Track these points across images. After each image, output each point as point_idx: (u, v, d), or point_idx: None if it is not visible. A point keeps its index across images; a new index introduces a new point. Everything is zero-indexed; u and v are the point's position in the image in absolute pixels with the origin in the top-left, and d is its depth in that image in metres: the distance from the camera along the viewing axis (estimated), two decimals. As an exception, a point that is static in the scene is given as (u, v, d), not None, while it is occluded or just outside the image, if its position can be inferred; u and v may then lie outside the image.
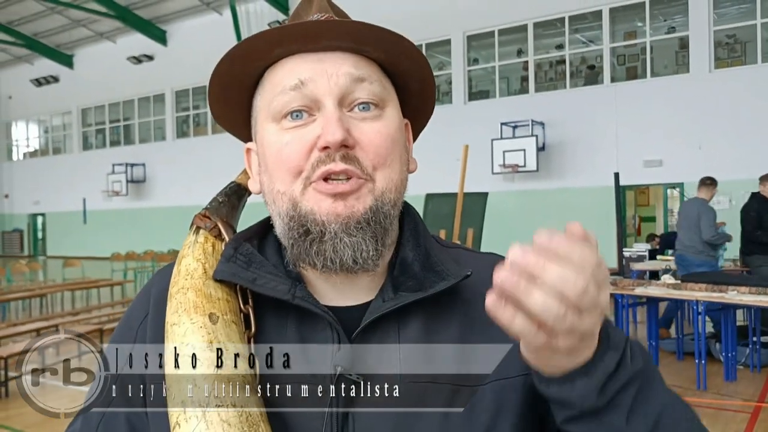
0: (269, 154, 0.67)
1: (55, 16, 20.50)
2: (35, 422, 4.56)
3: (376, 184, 0.65)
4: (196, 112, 20.31)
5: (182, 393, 0.60)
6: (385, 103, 0.68)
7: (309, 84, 0.65)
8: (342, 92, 0.65)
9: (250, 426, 0.58)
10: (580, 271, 0.48)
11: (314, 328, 0.66)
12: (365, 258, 0.64)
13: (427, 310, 0.67)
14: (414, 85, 0.73)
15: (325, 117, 0.64)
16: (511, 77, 15.21)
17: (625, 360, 0.57)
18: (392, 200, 0.67)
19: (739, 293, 4.94)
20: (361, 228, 0.64)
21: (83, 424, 0.74)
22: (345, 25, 0.65)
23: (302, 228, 0.64)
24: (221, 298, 0.67)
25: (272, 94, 0.67)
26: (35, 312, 9.38)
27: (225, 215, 0.76)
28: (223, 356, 0.62)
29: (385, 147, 0.66)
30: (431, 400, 0.63)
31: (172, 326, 0.65)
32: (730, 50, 12.73)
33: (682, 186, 12.46)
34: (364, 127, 0.65)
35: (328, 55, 0.66)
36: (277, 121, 0.66)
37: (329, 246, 0.63)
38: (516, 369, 0.66)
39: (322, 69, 0.65)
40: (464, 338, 0.67)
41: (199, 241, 0.73)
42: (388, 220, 0.66)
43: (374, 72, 0.68)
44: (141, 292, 0.76)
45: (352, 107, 0.66)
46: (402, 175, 0.69)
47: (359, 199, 0.64)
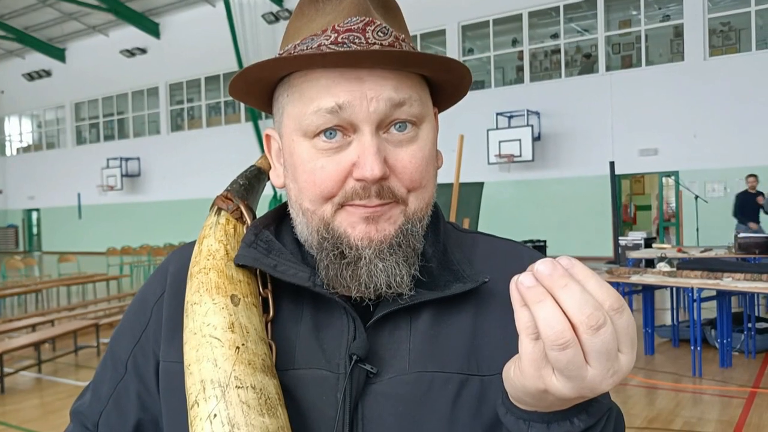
0: (300, 169, 0.65)
1: (47, 10, 20.35)
2: (32, 417, 4.56)
3: (408, 207, 0.65)
4: (190, 105, 20.24)
5: (202, 372, 0.60)
6: (422, 121, 0.66)
7: (347, 108, 0.62)
8: (381, 118, 0.63)
9: (268, 408, 0.58)
10: (597, 306, 0.45)
11: (330, 316, 0.67)
12: (399, 282, 0.64)
13: (440, 305, 0.68)
14: (449, 87, 0.72)
15: (362, 145, 0.62)
16: (507, 67, 15.20)
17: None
18: (422, 216, 0.67)
19: (734, 280, 4.96)
20: (393, 252, 0.64)
21: (93, 397, 0.74)
22: (391, 54, 0.62)
23: (337, 250, 0.64)
24: (242, 281, 0.67)
25: (305, 110, 0.64)
26: (31, 307, 9.37)
27: (246, 198, 0.77)
28: (245, 338, 0.62)
29: (419, 172, 0.65)
30: (440, 391, 0.64)
31: (193, 305, 0.65)
32: (725, 38, 12.74)
33: (677, 174, 12.50)
34: (400, 153, 0.64)
35: (368, 74, 0.63)
36: (308, 138, 0.64)
37: (364, 272, 0.64)
38: None
39: (361, 92, 0.62)
40: (476, 332, 0.67)
41: (221, 222, 0.73)
42: (418, 238, 0.66)
43: (414, 90, 0.65)
44: (157, 271, 0.76)
45: (389, 128, 0.64)
46: (433, 190, 0.69)
47: (390, 220, 0.64)
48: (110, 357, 0.74)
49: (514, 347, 0.57)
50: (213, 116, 19.73)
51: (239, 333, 0.62)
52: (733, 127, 11.84)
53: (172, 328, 0.68)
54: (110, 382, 0.73)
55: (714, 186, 12.20)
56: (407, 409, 0.63)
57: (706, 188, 12.11)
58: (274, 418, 0.58)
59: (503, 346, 0.65)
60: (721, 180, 12.14)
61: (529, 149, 13.34)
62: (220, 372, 0.59)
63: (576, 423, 0.54)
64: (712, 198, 11.84)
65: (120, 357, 0.73)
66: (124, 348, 0.73)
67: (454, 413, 0.63)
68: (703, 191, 11.81)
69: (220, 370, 0.59)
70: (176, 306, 0.69)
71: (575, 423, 0.54)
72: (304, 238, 0.68)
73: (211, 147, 18.55)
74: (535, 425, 0.54)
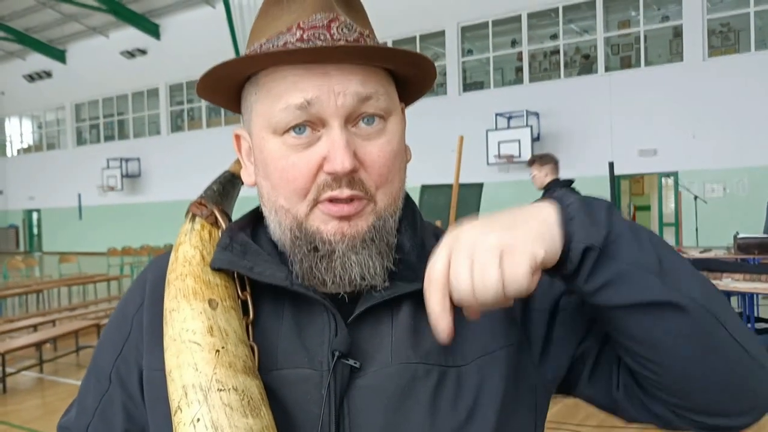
0: (272, 167, 0.66)
1: (47, 11, 20.35)
2: (34, 417, 4.57)
3: (377, 205, 0.67)
4: (190, 106, 20.24)
5: (183, 378, 0.60)
6: (389, 114, 0.68)
7: (315, 104, 0.63)
8: (348, 112, 0.64)
9: (251, 409, 0.59)
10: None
11: (311, 314, 0.67)
12: (372, 275, 0.66)
13: (418, 294, 0.68)
14: (415, 82, 0.73)
15: (331, 140, 0.63)
16: (506, 68, 15.19)
17: (580, 197, 0.61)
18: (393, 211, 0.69)
19: (734, 281, 4.97)
20: (366, 246, 0.66)
21: (79, 412, 0.75)
22: (356, 50, 0.64)
23: (310, 245, 0.66)
24: (219, 284, 0.67)
25: (273, 107, 0.65)
26: (32, 308, 9.37)
27: (220, 203, 0.77)
28: (224, 341, 0.63)
29: (387, 166, 0.67)
30: (421, 382, 0.65)
31: (172, 312, 0.65)
32: (724, 38, 12.74)
33: (676, 175, 12.50)
34: (368, 146, 0.66)
35: (335, 68, 0.64)
36: (278, 134, 0.65)
37: (338, 264, 0.65)
38: (498, 342, 0.69)
39: (328, 87, 0.63)
40: (454, 322, 0.69)
41: (196, 228, 0.73)
42: (390, 233, 0.68)
43: (381, 84, 0.67)
44: (136, 281, 0.77)
45: (357, 122, 0.65)
46: (402, 183, 0.70)
47: (362, 218, 0.66)
48: (93, 370, 0.74)
49: (484, 332, 0.68)
50: (213, 117, 19.72)
51: (218, 336, 0.62)
52: (733, 127, 11.84)
53: (153, 336, 0.68)
54: (95, 395, 0.73)
55: (713, 186, 12.19)
56: (392, 401, 0.64)
57: (706, 189, 12.10)
58: (258, 418, 0.59)
59: (474, 332, 0.68)
60: (720, 180, 12.13)
61: (528, 150, 13.32)
62: (201, 376, 0.59)
63: (566, 200, 0.60)
64: (712, 198, 11.84)
65: (103, 369, 0.73)
66: (107, 360, 0.73)
67: (435, 403, 0.65)
68: (703, 192, 11.81)
69: (201, 374, 0.59)
70: (156, 314, 0.69)
71: (567, 200, 0.60)
72: (277, 236, 0.69)
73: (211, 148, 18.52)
74: (568, 228, 0.58)
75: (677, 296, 0.57)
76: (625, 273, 0.57)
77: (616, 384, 0.69)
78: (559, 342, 0.71)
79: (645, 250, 0.58)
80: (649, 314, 0.58)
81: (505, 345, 0.69)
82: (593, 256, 0.57)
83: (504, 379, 0.68)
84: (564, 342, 0.71)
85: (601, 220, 0.58)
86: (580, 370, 0.71)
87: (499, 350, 0.68)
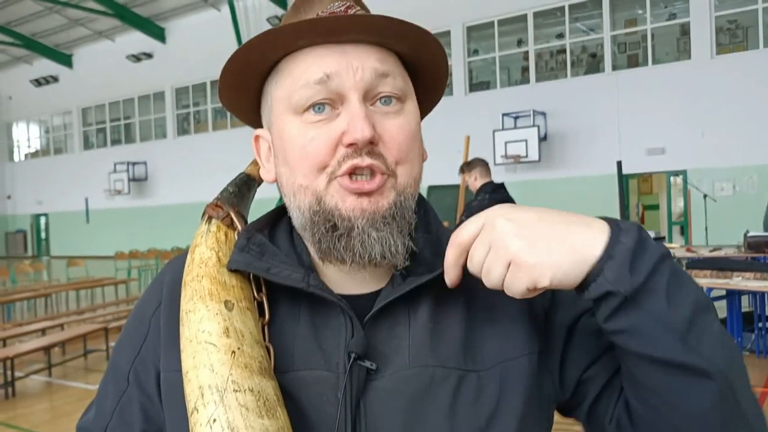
0: (291, 148, 0.67)
1: (54, 16, 20.48)
2: (42, 421, 4.58)
3: (398, 180, 0.66)
4: (196, 109, 20.31)
5: (199, 378, 0.60)
6: (406, 97, 0.69)
7: (334, 78, 0.64)
8: (367, 87, 0.65)
9: (267, 410, 0.59)
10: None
11: (327, 315, 0.67)
12: (393, 252, 0.65)
13: (436, 295, 0.68)
14: (428, 78, 0.74)
15: (350, 113, 0.64)
16: (512, 67, 15.17)
17: (642, 238, 0.57)
18: (412, 194, 0.68)
19: (744, 279, 4.92)
20: (387, 223, 0.65)
21: (97, 412, 0.75)
22: (373, 20, 0.65)
23: (329, 223, 0.65)
24: (236, 286, 0.68)
25: (294, 86, 0.66)
26: (40, 312, 9.42)
27: (236, 205, 0.77)
28: (240, 342, 0.62)
29: (407, 143, 0.67)
30: (440, 386, 0.64)
31: (188, 313, 0.65)
32: (732, 36, 12.67)
33: (685, 173, 12.44)
34: (387, 123, 0.66)
35: (352, 47, 0.66)
36: (298, 114, 0.66)
37: (357, 241, 0.64)
38: (518, 349, 0.68)
39: (347, 62, 0.65)
40: (470, 315, 0.68)
41: (212, 230, 0.73)
42: (410, 213, 0.68)
43: (397, 66, 0.68)
44: (153, 283, 0.77)
45: (375, 101, 0.66)
46: (420, 168, 0.70)
47: (383, 195, 0.65)
48: (112, 371, 0.75)
49: (506, 338, 0.67)
50: (219, 120, 19.78)
51: (234, 337, 0.62)
52: (741, 125, 11.77)
53: (170, 337, 0.68)
54: (113, 396, 0.73)
55: (722, 185, 12.12)
56: (410, 404, 0.63)
57: (715, 187, 12.04)
58: (273, 419, 0.59)
59: (495, 336, 0.68)
60: (729, 179, 12.06)
61: (535, 150, 13.31)
62: (217, 377, 0.59)
63: (623, 240, 0.57)
64: (721, 197, 11.77)
65: (122, 370, 0.73)
66: (125, 361, 0.73)
67: (454, 407, 0.64)
68: (712, 190, 11.74)
69: (217, 375, 0.60)
70: (173, 316, 0.69)
71: (622, 241, 0.57)
72: (298, 222, 0.69)
73: (217, 150, 18.59)
74: (606, 265, 0.57)
75: (696, 359, 0.56)
76: (644, 327, 0.57)
77: (610, 417, 0.67)
78: (570, 361, 0.70)
79: (677, 308, 0.57)
80: (660, 369, 0.57)
81: (527, 353, 0.68)
82: (614, 301, 0.57)
83: (525, 386, 0.67)
84: (574, 362, 0.70)
85: (643, 269, 0.56)
86: (584, 394, 0.70)
87: (521, 357, 0.68)
